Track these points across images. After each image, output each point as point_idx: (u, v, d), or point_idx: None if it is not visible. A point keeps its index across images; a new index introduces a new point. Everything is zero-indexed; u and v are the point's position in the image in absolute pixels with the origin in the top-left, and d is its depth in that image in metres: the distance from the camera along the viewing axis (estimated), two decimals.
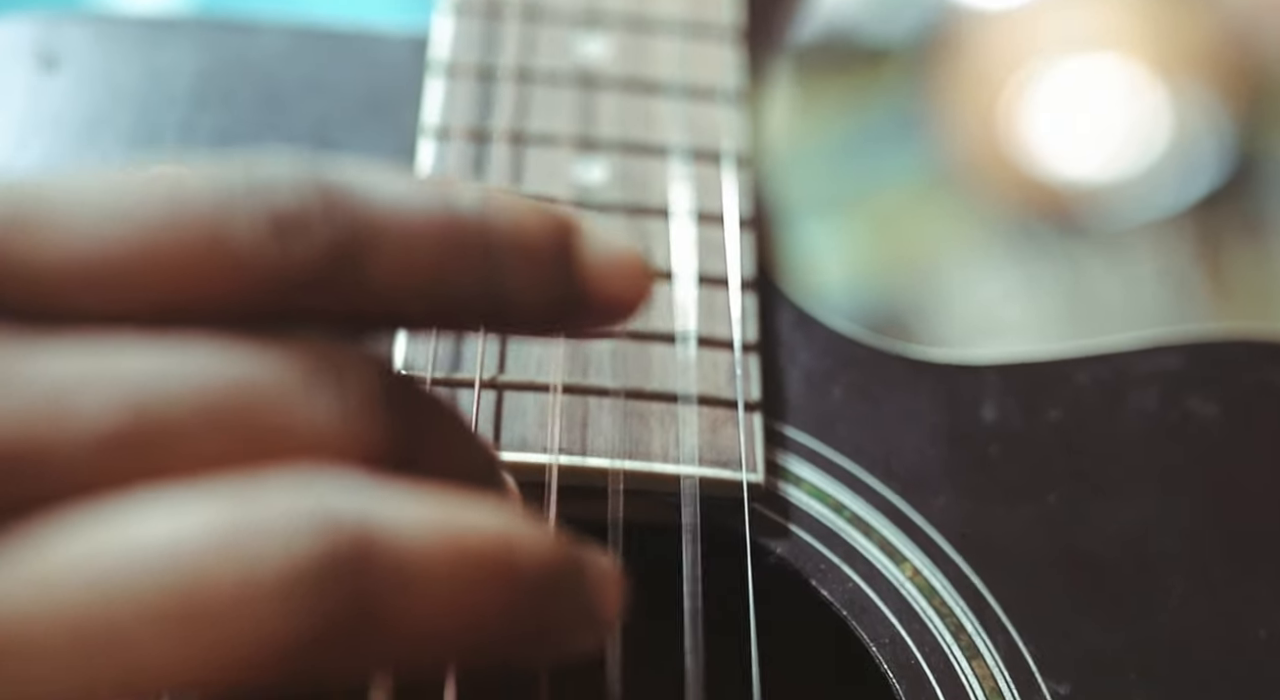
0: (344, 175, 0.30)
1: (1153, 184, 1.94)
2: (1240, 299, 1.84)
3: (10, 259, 0.29)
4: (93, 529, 0.27)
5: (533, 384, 0.47)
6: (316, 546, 0.27)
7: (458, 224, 0.31)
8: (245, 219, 0.29)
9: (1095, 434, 0.49)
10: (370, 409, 0.29)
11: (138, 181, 0.30)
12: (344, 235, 0.30)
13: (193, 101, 0.54)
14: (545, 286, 0.32)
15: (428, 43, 0.56)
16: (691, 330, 0.49)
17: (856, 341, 0.51)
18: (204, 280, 0.29)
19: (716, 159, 0.53)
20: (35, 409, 0.28)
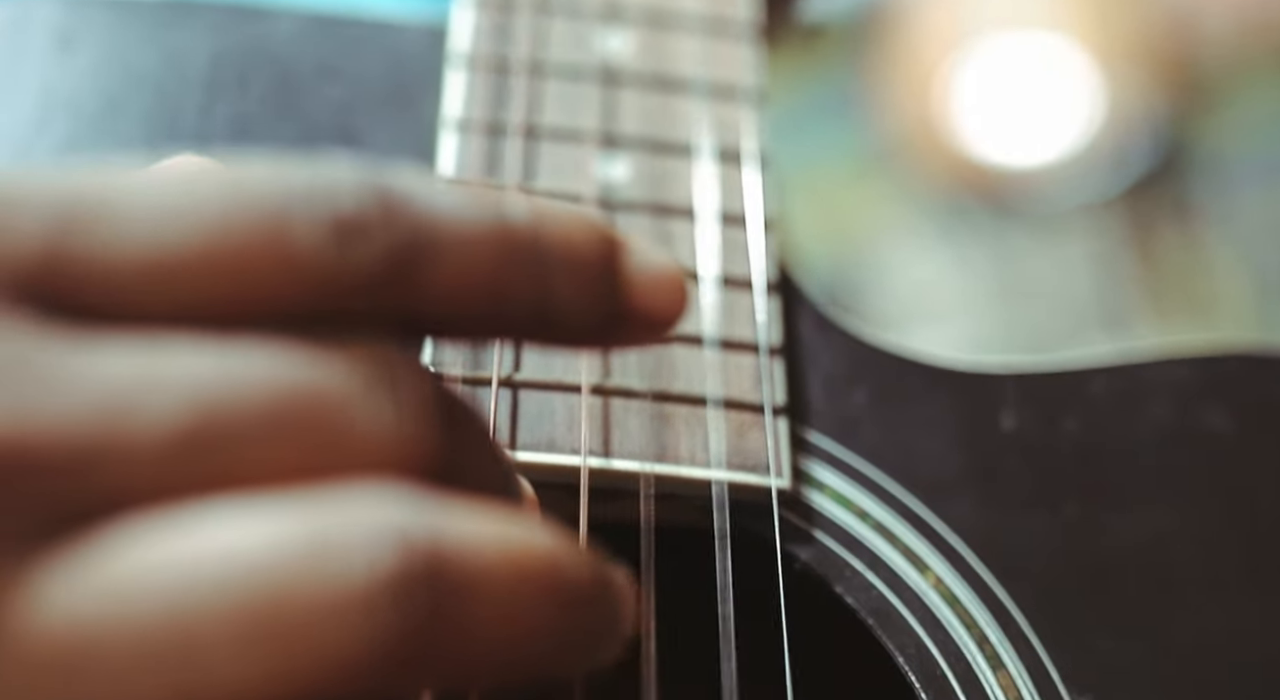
0: (401, 182, 0.30)
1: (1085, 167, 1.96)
2: (1171, 283, 1.86)
3: (70, 256, 0.28)
4: (163, 537, 0.27)
5: (560, 384, 0.47)
6: (396, 561, 0.27)
7: (512, 235, 0.31)
8: (305, 222, 0.29)
9: (1112, 444, 0.50)
10: (424, 418, 0.29)
11: (198, 180, 0.29)
12: (403, 242, 0.29)
13: (208, 86, 0.53)
14: (593, 299, 0.32)
15: (445, 33, 0.55)
16: (716, 332, 0.49)
17: (876, 347, 0.51)
18: (263, 282, 0.29)
19: (738, 159, 0.53)
20: (100, 410, 0.27)
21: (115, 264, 0.28)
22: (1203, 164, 1.91)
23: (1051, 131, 1.97)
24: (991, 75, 1.98)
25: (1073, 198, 1.94)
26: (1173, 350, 0.52)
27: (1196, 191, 1.91)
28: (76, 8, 0.54)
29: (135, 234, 0.28)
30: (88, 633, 0.26)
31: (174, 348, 0.28)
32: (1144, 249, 1.90)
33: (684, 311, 0.34)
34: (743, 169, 0.53)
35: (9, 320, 0.27)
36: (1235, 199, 1.86)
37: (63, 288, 0.28)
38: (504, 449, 0.43)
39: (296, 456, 0.28)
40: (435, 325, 0.31)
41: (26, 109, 0.52)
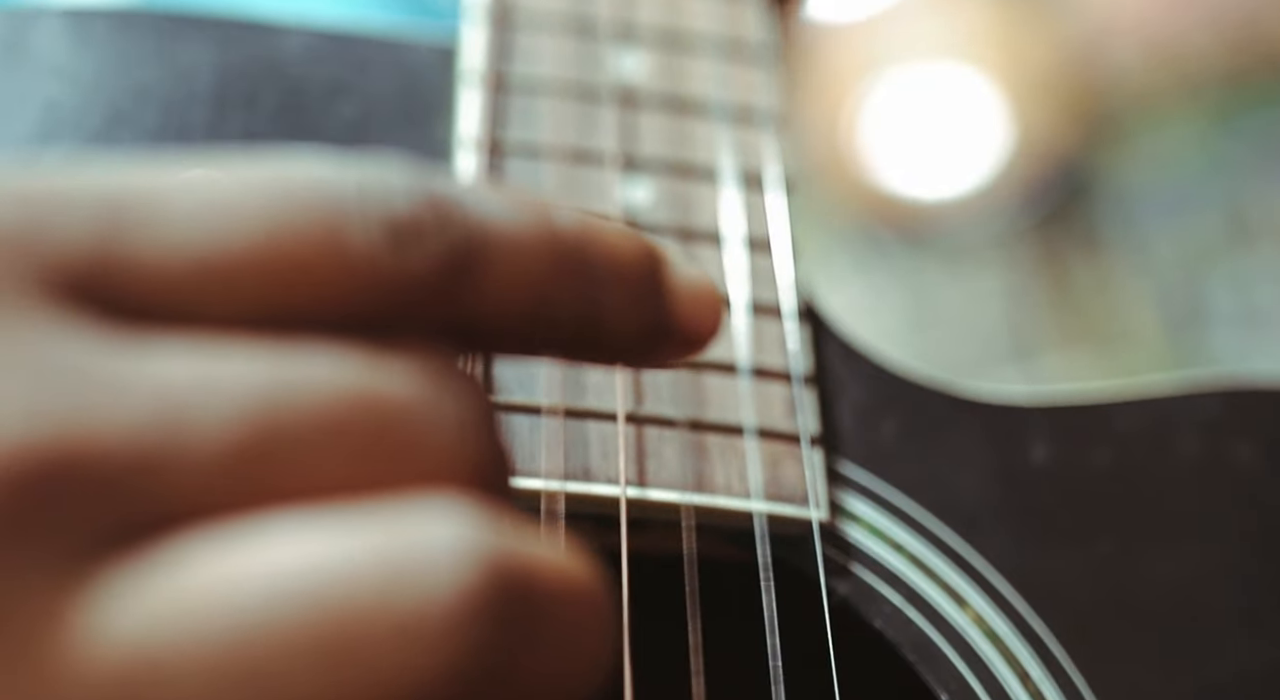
0: (451, 185, 0.29)
1: (995, 199, 1.97)
2: (1080, 314, 1.88)
3: (122, 254, 0.27)
4: (230, 551, 0.25)
5: (594, 412, 0.46)
6: (481, 579, 0.25)
7: (561, 242, 0.30)
8: (360, 223, 0.28)
9: (1142, 478, 0.49)
10: (484, 430, 0.28)
11: (249, 178, 0.28)
12: (458, 246, 0.29)
13: (216, 102, 0.51)
14: (639, 312, 0.32)
15: (455, 52, 0.54)
16: (747, 360, 0.48)
17: (903, 377, 0.50)
18: (317, 283, 0.28)
19: (761, 183, 0.52)
20: (160, 417, 0.26)
21: (167, 263, 0.27)
22: (1112, 196, 1.93)
23: (961, 163, 1.99)
24: (901, 106, 1.99)
25: (983, 229, 1.96)
26: (1196, 384, 0.51)
27: (1106, 223, 1.93)
28: (79, 22, 0.52)
29: (187, 233, 0.27)
30: (152, 653, 0.25)
31: (232, 352, 0.27)
32: (1054, 280, 1.92)
33: (720, 327, 0.33)
34: (766, 194, 0.52)
35: (64, 320, 0.26)
36: (1145, 231, 1.88)
37: (115, 286, 0.27)
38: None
39: (362, 466, 0.27)
40: (483, 335, 0.30)
41: (28, 125, 0.50)
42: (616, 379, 0.46)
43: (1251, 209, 1.89)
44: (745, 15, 0.57)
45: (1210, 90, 1.94)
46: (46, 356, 0.26)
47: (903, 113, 1.98)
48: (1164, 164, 1.91)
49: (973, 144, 1.98)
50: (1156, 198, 1.89)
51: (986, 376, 1.77)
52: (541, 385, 0.46)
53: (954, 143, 1.99)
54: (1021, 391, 0.50)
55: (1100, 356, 1.84)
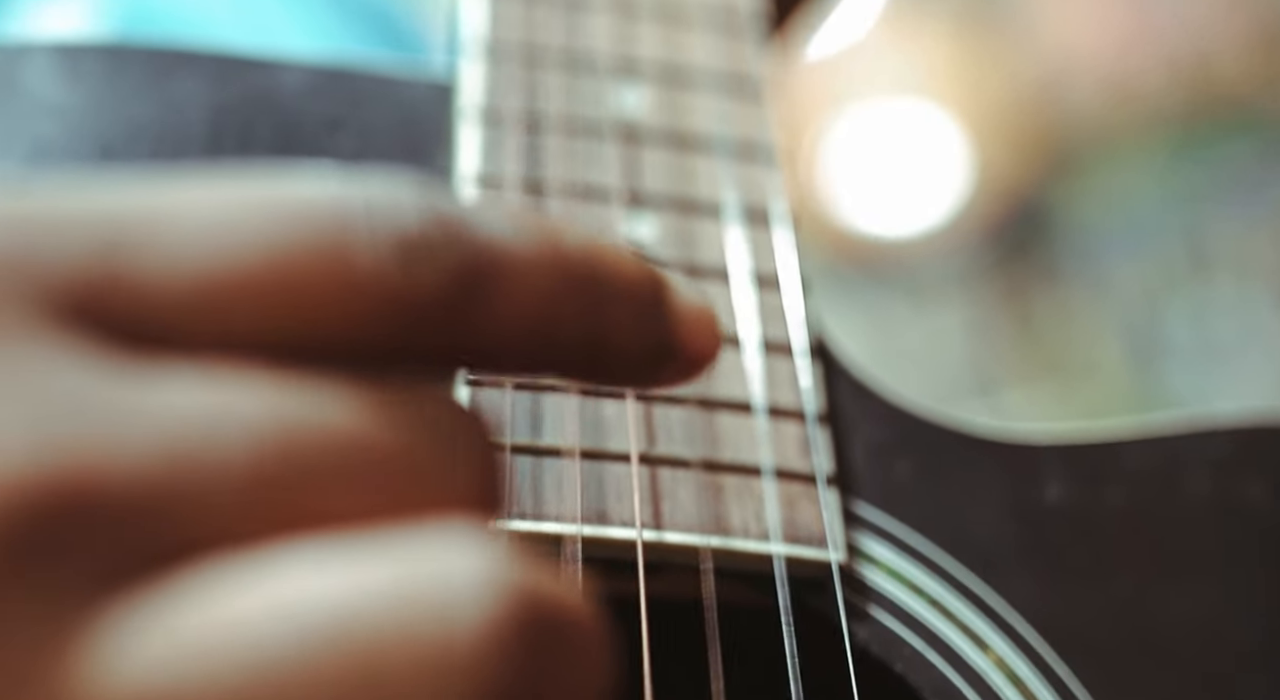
0: (457, 202, 0.29)
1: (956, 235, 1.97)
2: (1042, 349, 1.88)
3: (123, 276, 0.26)
4: (242, 587, 0.24)
5: (606, 453, 0.45)
6: (506, 610, 0.25)
7: (569, 261, 0.29)
8: (367, 241, 0.27)
9: (1156, 517, 0.48)
10: (485, 460, 0.28)
11: (252, 196, 0.27)
12: (467, 264, 0.28)
13: (210, 138, 0.50)
14: (644, 333, 0.31)
15: (453, 88, 0.53)
16: (760, 398, 0.47)
17: (915, 415, 0.49)
18: (324, 303, 0.27)
19: (767, 219, 0.51)
20: (170, 447, 0.25)
21: (171, 284, 0.26)
22: (1071, 231, 1.93)
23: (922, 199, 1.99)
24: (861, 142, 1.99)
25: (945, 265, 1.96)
26: (1204, 422, 0.51)
27: (1066, 258, 1.93)
28: (69, 57, 0.50)
29: (191, 252, 0.26)
30: (165, 693, 0.23)
31: (239, 378, 0.26)
32: (1016, 315, 1.92)
33: (720, 349, 0.32)
34: (772, 230, 0.51)
35: (67, 345, 0.25)
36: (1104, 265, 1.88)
37: (118, 308, 0.26)
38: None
39: (373, 495, 0.26)
40: (491, 355, 0.29)
41: (17, 163, 0.48)
42: (629, 419, 0.45)
43: (1209, 242, 1.89)
44: (744, 50, 0.56)
45: (1166, 126, 1.95)
46: (50, 384, 0.25)
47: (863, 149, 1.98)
48: (1122, 199, 1.92)
49: (933, 180, 1.98)
50: (1115, 232, 1.90)
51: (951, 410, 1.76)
52: (553, 426, 0.45)
53: (915, 178, 1.99)
54: (1035, 429, 0.49)
55: (1063, 391, 1.84)
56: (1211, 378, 1.81)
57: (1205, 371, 1.82)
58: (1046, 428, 0.49)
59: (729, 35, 0.56)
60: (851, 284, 1.94)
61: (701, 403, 0.46)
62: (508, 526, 0.42)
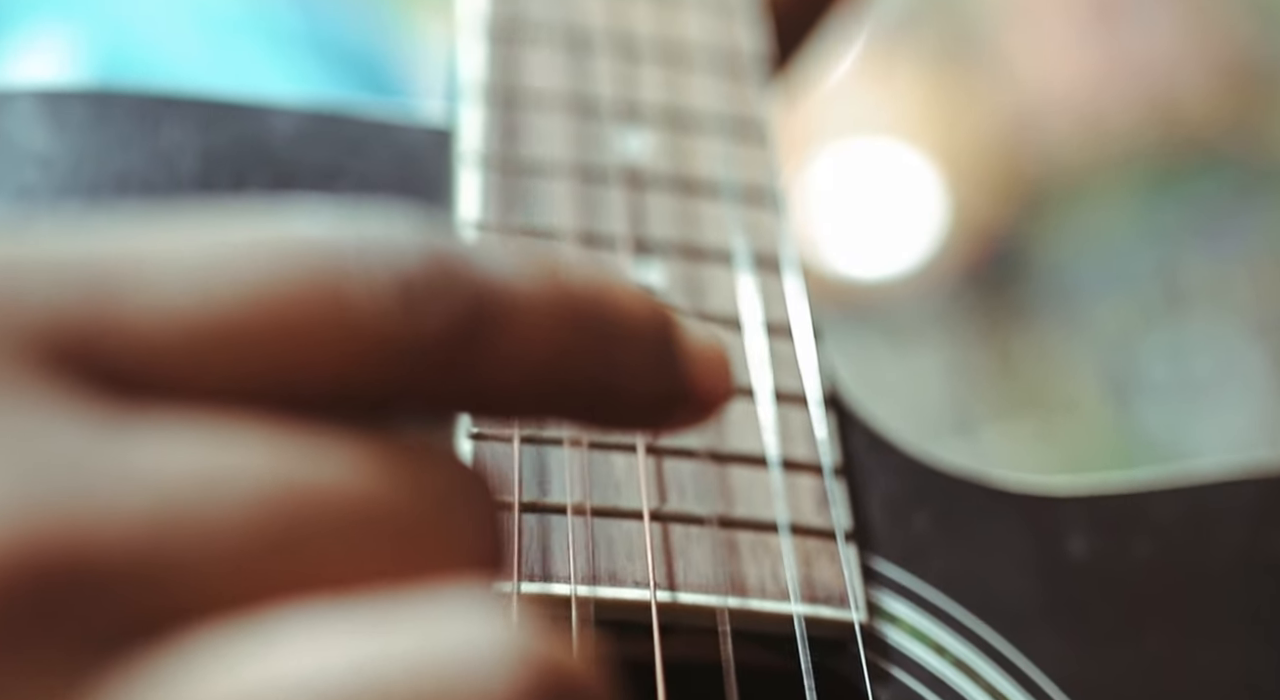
0: (458, 241, 0.27)
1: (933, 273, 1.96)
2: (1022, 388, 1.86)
3: (111, 322, 0.24)
4: (245, 657, 0.22)
5: (616, 510, 0.43)
6: (530, 676, 0.23)
7: (575, 301, 0.28)
8: (364, 283, 0.25)
9: (1186, 571, 0.46)
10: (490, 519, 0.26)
11: (246, 237, 0.25)
12: (469, 305, 0.26)
13: (202, 187, 0.48)
14: (655, 374, 0.29)
15: (452, 134, 0.50)
16: (774, 451, 0.45)
17: (933, 467, 0.47)
18: (320, 348, 0.25)
19: (777, 266, 0.49)
20: (162, 507, 0.23)
21: (161, 329, 0.24)
22: (1049, 270, 1.92)
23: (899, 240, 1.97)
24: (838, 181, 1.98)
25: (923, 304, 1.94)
26: (1233, 471, 0.49)
27: (1043, 296, 1.92)
28: (55, 104, 0.48)
29: (179, 295, 0.24)
30: None
31: (234, 431, 0.24)
32: (994, 354, 1.90)
33: (732, 391, 0.31)
34: (783, 277, 0.49)
35: (54, 396, 0.24)
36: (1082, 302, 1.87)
37: (107, 356, 0.24)
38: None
39: (377, 557, 0.24)
40: (497, 399, 0.27)
41: (2, 213, 0.46)
42: (639, 474, 0.43)
43: (1185, 280, 1.88)
44: (748, 93, 0.54)
45: (1140, 164, 1.94)
46: (37, 441, 0.23)
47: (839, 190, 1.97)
48: (1098, 237, 1.90)
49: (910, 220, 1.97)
50: (1092, 271, 1.88)
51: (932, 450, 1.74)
52: (561, 482, 0.43)
53: (891, 219, 1.97)
54: (1058, 481, 0.47)
55: (1042, 428, 1.82)
56: (1189, 414, 1.80)
57: (1183, 408, 1.80)
58: (1068, 479, 0.47)
59: (732, 78, 0.54)
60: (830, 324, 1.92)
61: (714, 456, 0.44)
62: (514, 588, 0.40)
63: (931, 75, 2.05)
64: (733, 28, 0.55)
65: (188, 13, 0.80)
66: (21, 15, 0.74)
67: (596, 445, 0.43)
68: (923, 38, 2.02)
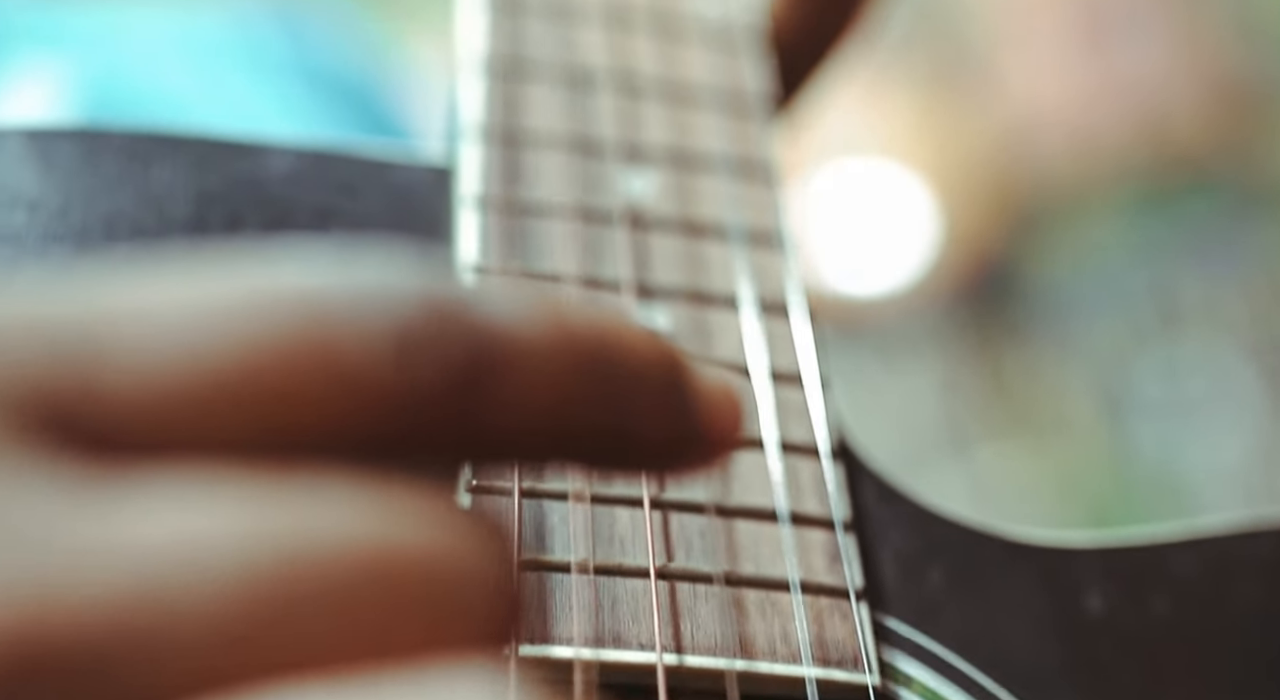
0: (456, 286, 0.25)
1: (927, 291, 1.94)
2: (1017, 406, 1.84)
3: (87, 384, 0.23)
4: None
5: (621, 568, 0.41)
6: None
7: (579, 345, 0.26)
8: (356, 335, 0.24)
9: (1207, 627, 0.44)
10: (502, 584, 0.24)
11: (230, 289, 0.24)
12: (466, 355, 0.25)
13: (194, 229, 0.46)
14: (664, 416, 0.28)
15: (451, 173, 0.49)
16: (783, 505, 0.43)
17: (946, 519, 0.45)
18: (310, 405, 0.24)
19: (786, 311, 0.47)
20: (138, 588, 0.21)
21: (144, 390, 0.23)
22: (1042, 289, 1.90)
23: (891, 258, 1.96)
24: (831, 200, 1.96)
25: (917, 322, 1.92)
26: (1253, 523, 0.47)
27: (1037, 314, 1.90)
28: (43, 143, 0.46)
29: (161, 352, 0.23)
30: None
31: (220, 496, 0.22)
32: (987, 373, 1.89)
33: (743, 433, 0.29)
34: (791, 322, 0.47)
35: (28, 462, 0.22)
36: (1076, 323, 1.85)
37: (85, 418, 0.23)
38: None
39: (374, 632, 0.22)
40: (500, 448, 0.26)
41: None
42: (645, 530, 0.41)
43: (1178, 298, 1.86)
44: (753, 132, 0.52)
45: (1132, 182, 1.93)
46: (10, 515, 0.22)
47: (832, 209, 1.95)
48: (1091, 256, 1.89)
49: (902, 239, 1.95)
50: (1085, 289, 1.87)
51: (925, 469, 1.73)
52: (563, 538, 0.41)
53: (884, 238, 1.96)
54: (1076, 535, 0.45)
55: (1036, 447, 1.80)
56: (1183, 433, 1.78)
57: (1176, 427, 1.79)
58: (1086, 533, 0.45)
59: (737, 117, 0.52)
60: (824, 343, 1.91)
61: (721, 510, 0.42)
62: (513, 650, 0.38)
63: (924, 94, 2.04)
64: (737, 66, 0.54)
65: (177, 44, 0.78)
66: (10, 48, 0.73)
67: (599, 498, 0.41)
68: (915, 57, 2.00)
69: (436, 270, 0.26)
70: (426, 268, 0.25)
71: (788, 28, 0.58)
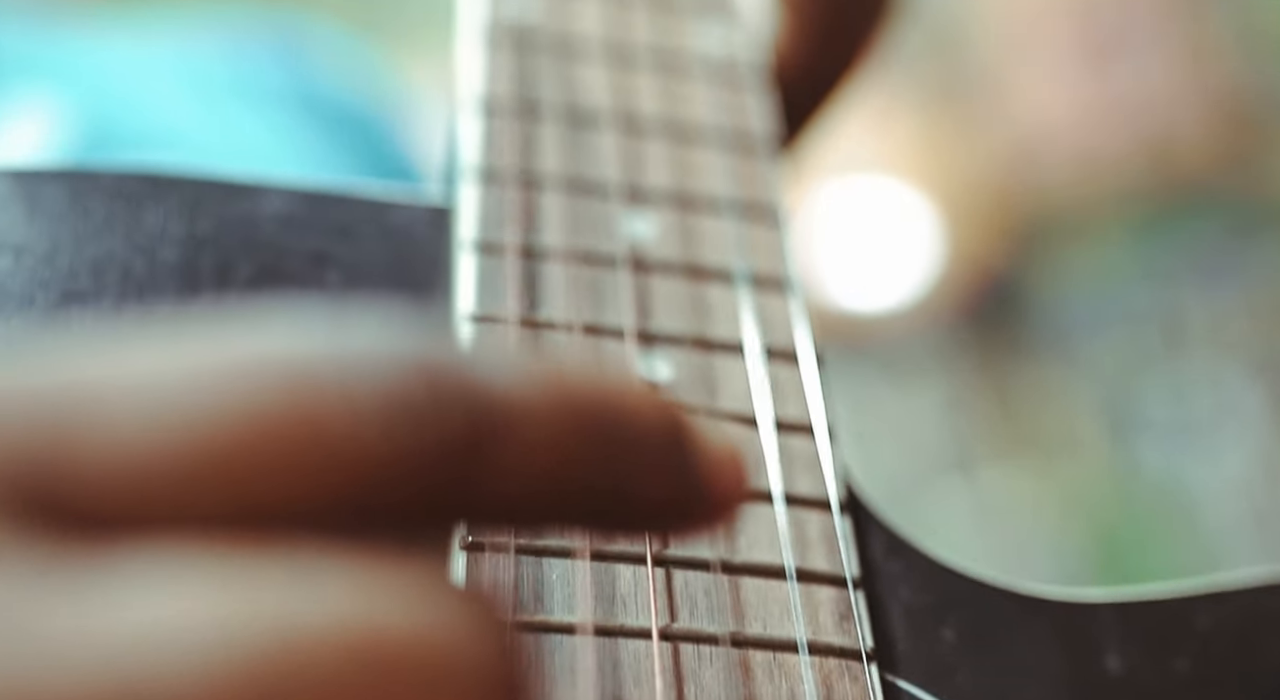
0: (447, 352, 0.24)
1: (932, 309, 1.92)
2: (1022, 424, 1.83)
3: (62, 460, 0.22)
4: None
5: (623, 629, 0.39)
6: None
7: (578, 408, 0.25)
8: (342, 407, 0.23)
9: (1232, 687, 0.42)
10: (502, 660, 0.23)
11: (211, 358, 0.23)
12: (467, 423, 0.23)
13: (184, 274, 0.44)
14: (666, 480, 0.26)
15: (450, 213, 0.47)
16: (790, 563, 0.41)
17: (959, 573, 0.43)
18: (294, 481, 0.22)
19: (795, 359, 0.45)
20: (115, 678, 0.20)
21: (121, 465, 0.22)
22: (1047, 307, 1.89)
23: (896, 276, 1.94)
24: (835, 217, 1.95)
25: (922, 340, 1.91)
26: (1277, 577, 0.45)
27: (1042, 333, 1.88)
28: (30, 184, 0.44)
29: (142, 428, 0.22)
30: None
31: (199, 575, 0.21)
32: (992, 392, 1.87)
33: (746, 494, 0.28)
34: (799, 369, 0.45)
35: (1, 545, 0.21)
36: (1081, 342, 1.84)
37: (61, 495, 0.22)
38: None
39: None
40: (497, 511, 0.25)
41: None
42: (647, 588, 0.39)
43: (1183, 318, 1.85)
44: (758, 173, 0.50)
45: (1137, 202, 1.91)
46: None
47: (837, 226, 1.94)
48: (1096, 274, 1.87)
49: (907, 256, 1.94)
50: (1090, 308, 1.85)
51: (929, 488, 1.71)
52: (562, 598, 0.39)
53: (889, 255, 1.94)
54: (1095, 591, 0.43)
55: (1041, 466, 1.78)
56: (1188, 452, 1.76)
57: (1182, 447, 1.77)
58: (1103, 589, 0.43)
59: (742, 157, 0.51)
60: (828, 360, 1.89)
61: (726, 567, 0.40)
62: None
63: (928, 112, 2.02)
64: (741, 105, 0.52)
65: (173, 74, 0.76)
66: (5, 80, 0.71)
67: (599, 556, 0.40)
68: (920, 76, 1.99)
69: (432, 330, 0.25)
70: (422, 328, 0.24)
71: (792, 66, 0.57)
